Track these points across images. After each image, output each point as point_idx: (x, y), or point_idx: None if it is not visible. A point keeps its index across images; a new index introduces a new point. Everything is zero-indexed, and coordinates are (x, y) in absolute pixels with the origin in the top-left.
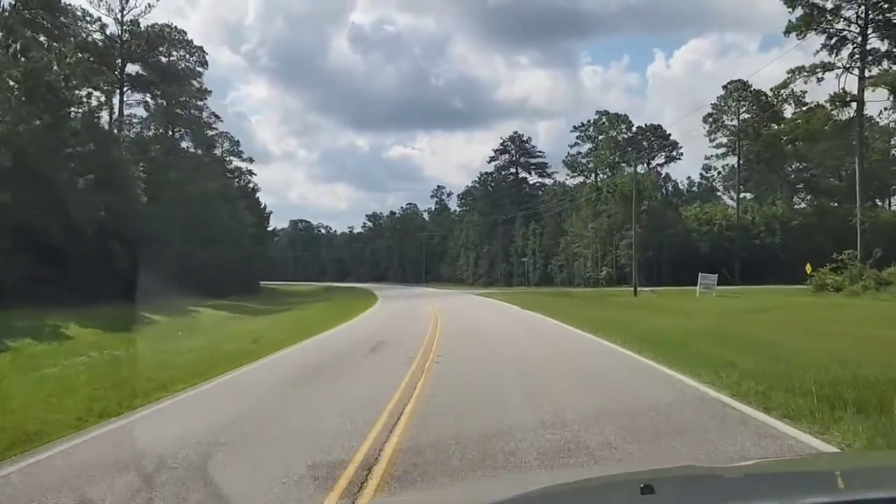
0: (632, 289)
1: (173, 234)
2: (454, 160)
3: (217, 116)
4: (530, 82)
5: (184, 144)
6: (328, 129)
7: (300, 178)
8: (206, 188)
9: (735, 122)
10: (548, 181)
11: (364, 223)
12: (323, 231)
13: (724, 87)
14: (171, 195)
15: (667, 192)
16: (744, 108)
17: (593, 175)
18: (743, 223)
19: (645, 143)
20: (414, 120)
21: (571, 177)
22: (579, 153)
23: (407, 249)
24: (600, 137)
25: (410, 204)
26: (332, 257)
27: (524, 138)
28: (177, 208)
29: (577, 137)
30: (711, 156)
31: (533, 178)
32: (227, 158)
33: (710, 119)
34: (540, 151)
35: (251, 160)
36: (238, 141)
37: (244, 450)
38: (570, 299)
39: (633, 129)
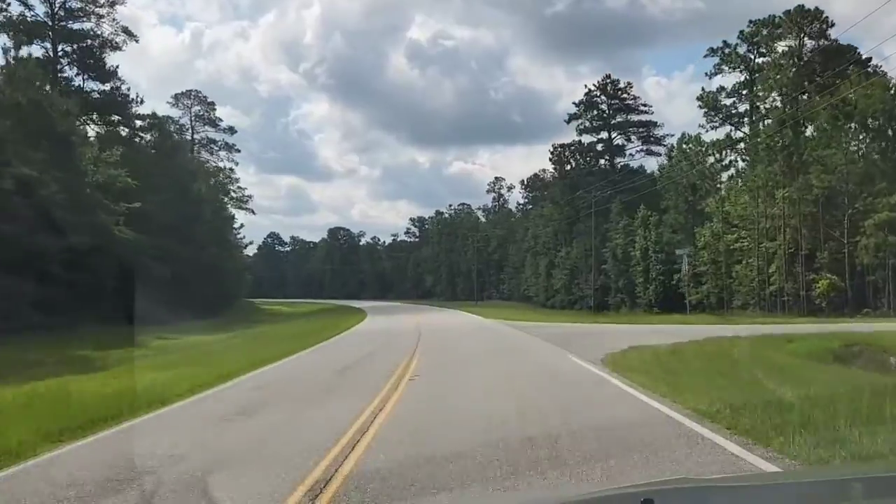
0: None
1: None
2: (515, 174)
3: (130, 34)
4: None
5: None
6: (389, 145)
7: (362, 195)
8: None
9: None
10: (657, 149)
11: (408, 228)
12: (366, 241)
13: None
14: None
15: None
16: None
17: (749, 120)
18: None
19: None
20: (474, 135)
21: (710, 126)
22: (722, 89)
23: (457, 258)
24: (760, 61)
25: (463, 204)
26: (373, 271)
27: (620, 85)
28: None
29: (718, 65)
30: None
31: (633, 146)
32: (202, 129)
33: None
34: (645, 104)
35: (231, 131)
36: (213, 102)
37: None
38: None
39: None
